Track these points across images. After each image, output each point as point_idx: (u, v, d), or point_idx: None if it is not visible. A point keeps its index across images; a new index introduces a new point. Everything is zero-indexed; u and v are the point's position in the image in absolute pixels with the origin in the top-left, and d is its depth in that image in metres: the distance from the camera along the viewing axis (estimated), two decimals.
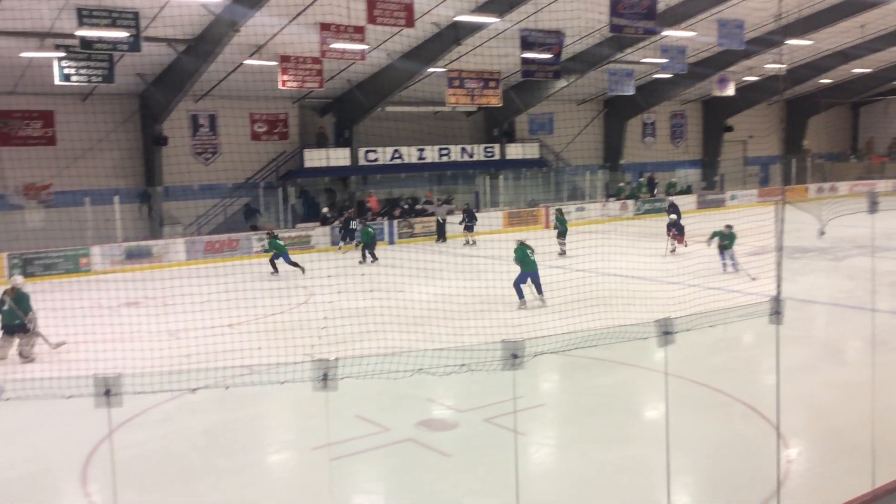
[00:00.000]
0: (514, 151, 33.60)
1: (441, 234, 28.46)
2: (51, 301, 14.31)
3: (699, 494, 8.00)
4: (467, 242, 27.37)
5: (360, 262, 23.46)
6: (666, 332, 6.08)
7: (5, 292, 13.24)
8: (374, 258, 23.48)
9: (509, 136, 33.97)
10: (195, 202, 27.56)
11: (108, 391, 4.66)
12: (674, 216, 23.85)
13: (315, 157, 29.03)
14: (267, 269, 21.60)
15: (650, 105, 36.67)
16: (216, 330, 13.62)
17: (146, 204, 26.60)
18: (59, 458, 9.10)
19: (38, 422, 10.19)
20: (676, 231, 23.11)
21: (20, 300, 13.09)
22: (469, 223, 27.64)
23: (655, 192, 36.75)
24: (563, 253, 23.75)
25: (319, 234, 27.55)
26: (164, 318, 14.57)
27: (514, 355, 5.43)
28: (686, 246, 22.49)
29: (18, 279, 13.70)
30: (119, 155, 26.27)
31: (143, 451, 9.08)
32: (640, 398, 10.92)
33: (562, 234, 24.26)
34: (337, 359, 5.58)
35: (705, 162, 41.13)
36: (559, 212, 25.20)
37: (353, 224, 26.03)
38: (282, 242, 22.36)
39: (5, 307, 13.03)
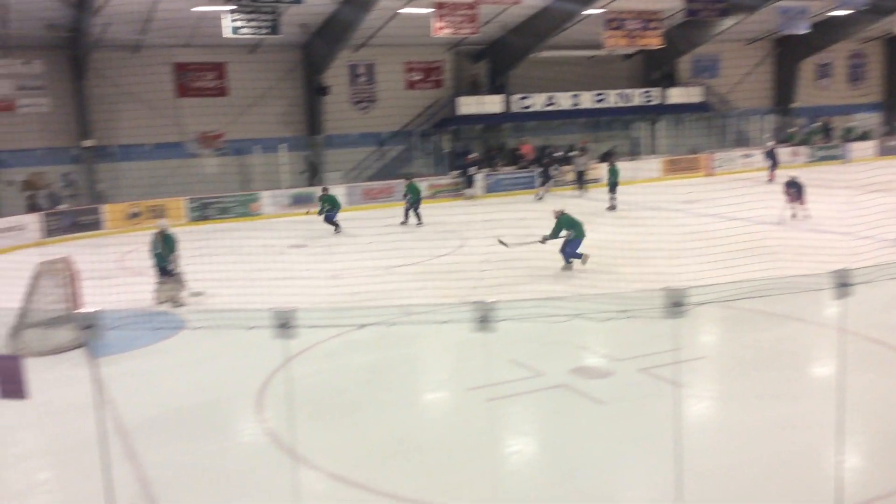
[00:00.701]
0: (676, 95, 32.24)
1: (581, 182, 27.77)
2: (228, 242, 15.28)
3: (872, 455, 7.58)
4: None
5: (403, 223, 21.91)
6: (843, 283, 5.73)
7: (155, 235, 14.00)
8: (419, 220, 21.94)
9: (670, 80, 32.62)
10: (353, 150, 28.44)
11: (284, 324, 4.91)
12: (793, 175, 20.20)
13: (468, 105, 29.12)
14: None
15: (826, 44, 34.07)
16: (377, 272, 14.12)
17: (309, 152, 27.71)
18: (236, 386, 9.81)
19: (216, 353, 11.02)
20: (795, 190, 19.58)
21: (167, 242, 13.87)
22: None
23: (831, 137, 34.36)
24: (612, 208, 22.46)
25: (470, 182, 27.75)
26: (327, 259, 15.24)
27: (676, 303, 5.29)
28: (804, 208, 19.47)
29: (164, 222, 14.47)
30: (284, 105, 27.45)
31: (310, 382, 9.61)
32: (809, 353, 10.40)
33: (612, 188, 23.04)
34: (495, 301, 5.64)
35: (887, 105, 37.90)
36: (611, 163, 24.00)
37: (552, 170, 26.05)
38: (334, 195, 21.59)
39: (158, 250, 13.80)
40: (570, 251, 15.10)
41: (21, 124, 23.73)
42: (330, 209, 21.07)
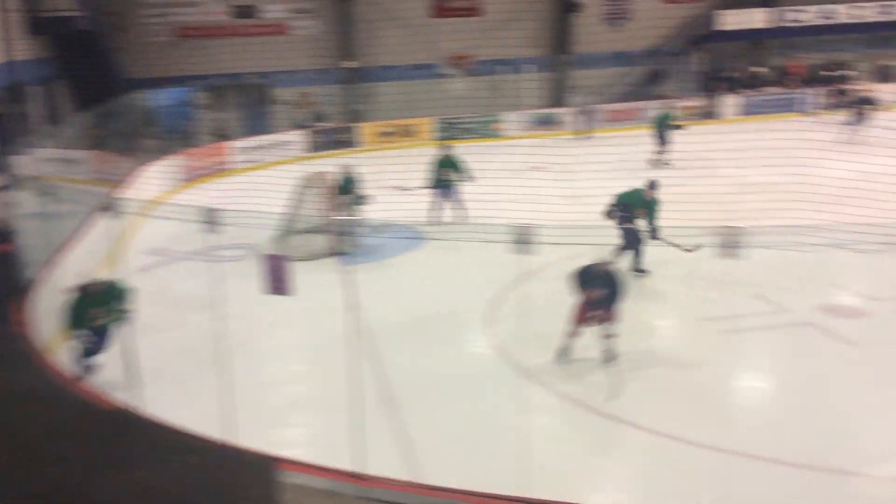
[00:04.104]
0: None
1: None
2: (469, 163, 15.69)
3: None
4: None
5: None
6: None
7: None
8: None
9: None
10: (603, 70, 27.67)
11: (521, 240, 4.98)
12: None
13: (730, 20, 27.07)
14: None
15: None
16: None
17: (556, 72, 27.41)
18: (470, 300, 10.20)
19: (456, 267, 11.51)
20: None
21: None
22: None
23: None
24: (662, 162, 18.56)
25: (726, 104, 26.04)
26: (567, 183, 15.15)
27: None
28: None
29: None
30: (534, 24, 27.24)
31: (540, 301, 9.76)
32: None
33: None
34: (744, 227, 5.28)
35: None
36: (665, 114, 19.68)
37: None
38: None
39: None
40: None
41: (292, 46, 25.71)
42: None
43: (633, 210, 10.52)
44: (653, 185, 10.67)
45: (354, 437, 5.26)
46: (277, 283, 5.52)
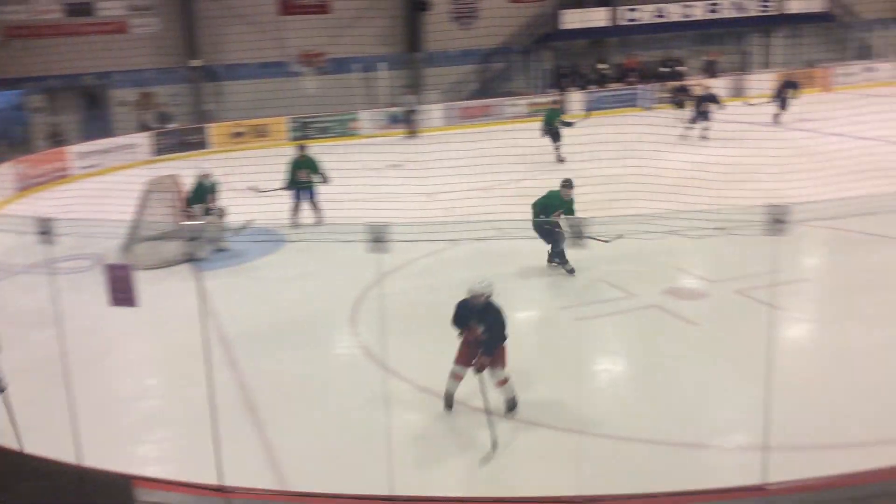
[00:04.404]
0: (795, 4, 30.16)
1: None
2: (326, 162, 15.54)
3: None
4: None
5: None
6: None
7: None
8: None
9: None
10: (453, 68, 28.08)
11: (378, 238, 4.96)
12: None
13: (572, 19, 28.16)
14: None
15: None
16: (471, 193, 14.11)
17: (408, 70, 27.57)
18: (332, 301, 10.11)
19: (315, 269, 11.37)
20: None
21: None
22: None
23: None
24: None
25: (571, 99, 27.09)
26: (423, 180, 15.30)
27: (777, 220, 5.02)
28: None
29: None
30: (384, 23, 27.28)
31: (403, 299, 9.82)
32: None
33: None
34: (588, 218, 5.53)
35: None
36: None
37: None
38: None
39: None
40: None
41: (132, 45, 24.52)
42: None
43: (552, 212, 10.32)
44: (568, 185, 10.44)
45: (215, 449, 5.10)
46: (122, 293, 5.26)
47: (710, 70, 29.16)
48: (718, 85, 27.22)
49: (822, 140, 18.16)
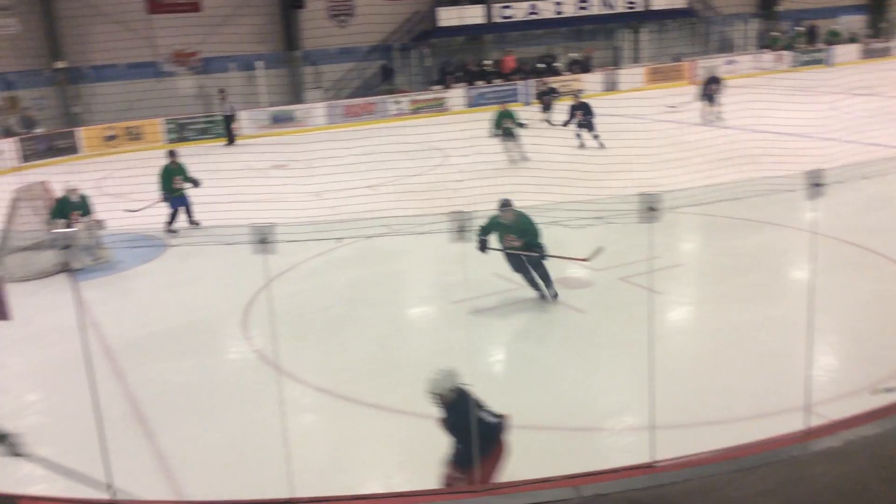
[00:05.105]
0: (659, 1, 31.57)
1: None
2: (206, 164, 15.13)
3: (842, 352, 7.78)
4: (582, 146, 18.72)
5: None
6: (815, 183, 5.73)
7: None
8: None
9: None
10: (333, 66, 27.87)
11: (264, 239, 4.88)
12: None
13: (449, 17, 28.47)
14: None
15: None
16: (358, 191, 14.08)
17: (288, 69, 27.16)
18: (221, 305, 9.88)
19: (200, 273, 11.07)
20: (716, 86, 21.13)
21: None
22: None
23: (815, 41, 33.94)
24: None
25: (453, 95, 27.40)
26: (309, 179, 15.15)
27: (650, 208, 5.29)
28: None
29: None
30: (259, 20, 26.74)
31: (294, 300, 9.71)
32: (786, 258, 10.53)
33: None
34: (473, 212, 5.62)
35: (871, 7, 37.26)
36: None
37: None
38: None
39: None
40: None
41: None
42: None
43: (503, 238, 9.22)
44: (505, 205, 9.22)
45: (104, 462, 4.91)
46: None
47: (584, 66, 30.13)
48: (593, 80, 28.22)
49: (690, 130, 19.08)
